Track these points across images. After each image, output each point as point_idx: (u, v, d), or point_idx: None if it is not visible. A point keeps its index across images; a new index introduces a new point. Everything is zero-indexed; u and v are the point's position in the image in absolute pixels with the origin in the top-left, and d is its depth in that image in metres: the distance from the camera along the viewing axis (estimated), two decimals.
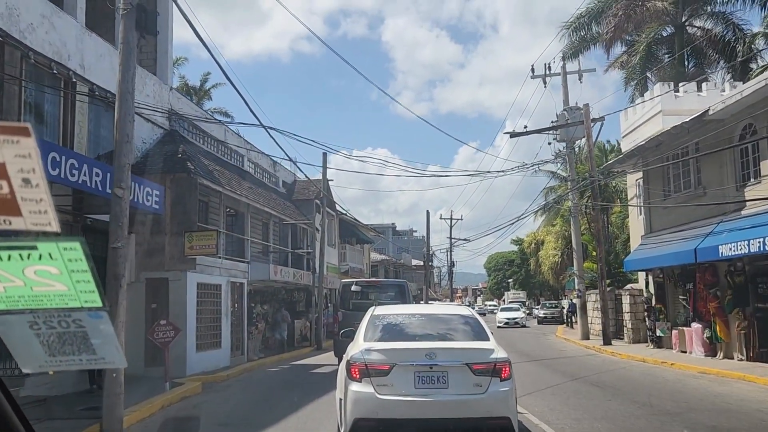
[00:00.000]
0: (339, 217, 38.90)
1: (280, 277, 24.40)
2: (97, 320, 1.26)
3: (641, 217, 23.54)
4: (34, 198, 1.01)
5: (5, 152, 0.97)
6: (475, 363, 6.88)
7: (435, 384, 6.83)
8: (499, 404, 6.82)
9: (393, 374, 6.82)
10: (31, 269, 1.09)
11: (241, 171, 26.91)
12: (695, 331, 18.10)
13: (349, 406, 6.81)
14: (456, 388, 6.80)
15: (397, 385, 6.78)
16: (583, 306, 27.49)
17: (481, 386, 6.80)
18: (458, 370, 6.86)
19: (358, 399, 6.77)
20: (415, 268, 73.63)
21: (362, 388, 6.80)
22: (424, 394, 6.78)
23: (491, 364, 6.90)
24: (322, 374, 16.64)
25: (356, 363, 6.94)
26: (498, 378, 6.86)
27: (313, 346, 25.87)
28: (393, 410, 6.73)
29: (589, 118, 24.40)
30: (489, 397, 6.77)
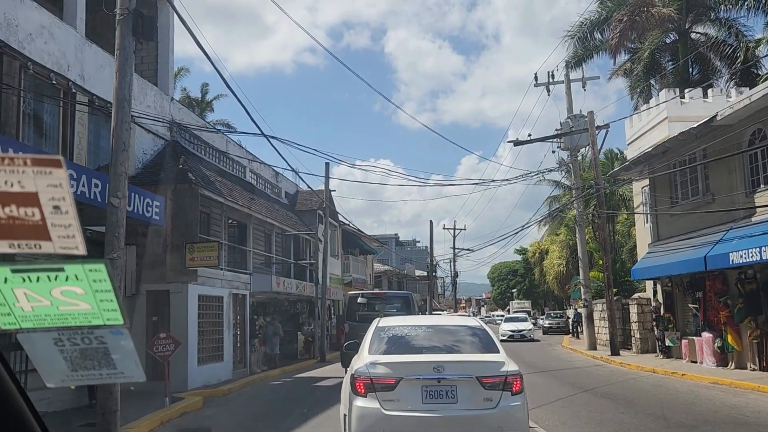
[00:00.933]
0: (342, 228, 38.65)
1: (283, 288, 24.13)
2: (118, 337, 1.32)
3: (648, 225, 23.25)
4: (63, 224, 1.08)
5: (39, 182, 1.05)
6: (485, 376, 6.62)
7: (443, 399, 6.56)
8: (510, 420, 6.57)
9: (399, 389, 6.56)
10: (58, 290, 1.17)
11: (243, 182, 26.72)
12: (706, 341, 17.77)
13: (354, 423, 6.55)
14: (465, 403, 6.54)
15: (403, 400, 6.53)
16: (590, 315, 27.15)
17: (492, 401, 6.54)
18: (467, 384, 6.60)
19: (364, 415, 6.51)
20: (419, 278, 73.27)
21: (367, 403, 6.54)
22: (432, 410, 6.50)
23: (502, 378, 6.63)
24: (326, 387, 16.33)
25: (361, 377, 6.68)
26: (509, 392, 6.59)
27: (317, 359, 25.51)
28: (400, 426, 6.46)
29: (593, 126, 24.18)
30: (500, 412, 6.50)
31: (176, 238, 17.67)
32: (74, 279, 1.16)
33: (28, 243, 1.09)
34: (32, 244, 1.09)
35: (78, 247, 1.10)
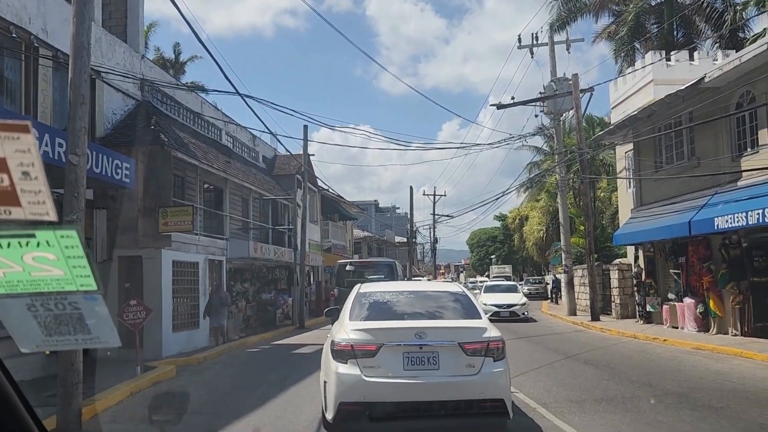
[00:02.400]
0: (321, 194, 38.10)
1: (261, 254, 23.64)
2: (92, 302, 1.32)
3: (631, 190, 23.02)
4: (32, 190, 1.10)
5: (6, 148, 1.07)
6: (467, 342, 6.54)
7: (425, 365, 6.49)
8: (492, 386, 6.51)
9: (380, 355, 6.47)
10: (29, 256, 1.19)
11: (219, 145, 25.98)
12: (687, 307, 17.68)
13: (334, 389, 6.45)
14: (447, 369, 6.47)
15: (384, 367, 6.45)
16: (570, 281, 27.07)
17: (474, 367, 6.48)
18: (449, 350, 6.53)
19: (344, 382, 6.41)
20: (399, 245, 73.13)
21: (348, 370, 6.45)
22: (413, 376, 6.43)
23: (484, 344, 6.57)
24: (304, 355, 15.98)
25: (341, 343, 6.58)
26: (491, 358, 6.56)
27: (296, 325, 25.19)
28: (380, 393, 6.38)
29: (578, 89, 23.73)
30: (482, 379, 6.45)
31: (149, 202, 17.06)
32: (45, 245, 1.17)
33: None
34: (2, 210, 1.11)
35: (49, 213, 1.12)
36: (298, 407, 8.72)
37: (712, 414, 7.85)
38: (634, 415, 7.87)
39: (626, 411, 8.07)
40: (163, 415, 6.06)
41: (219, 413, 8.55)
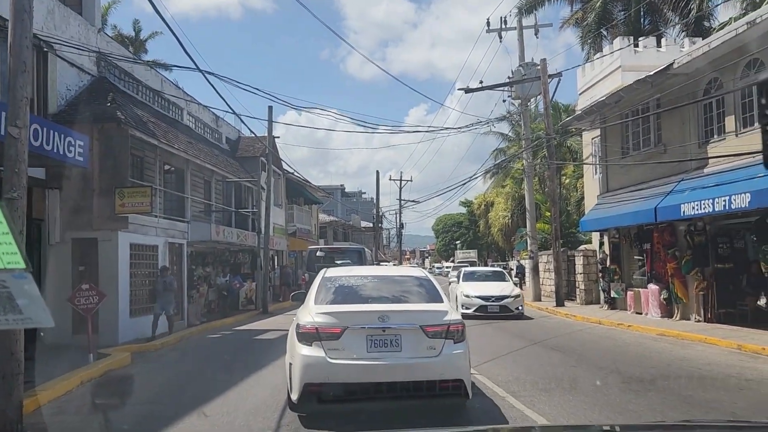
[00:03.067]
0: (286, 177, 37.46)
1: (223, 237, 23.08)
2: (22, 281, 1.32)
3: (597, 176, 23.03)
4: None
5: None
6: (429, 325, 6.78)
7: (388, 347, 6.70)
8: (452, 367, 6.75)
9: (344, 338, 6.66)
10: None
11: (180, 125, 25.24)
12: (652, 293, 17.74)
13: (299, 371, 6.61)
14: (409, 351, 6.69)
15: (348, 349, 6.63)
16: (536, 267, 27.10)
17: (435, 349, 6.71)
18: (411, 333, 6.76)
19: (309, 363, 6.57)
20: (365, 230, 72.83)
21: (312, 352, 6.62)
22: (376, 358, 6.63)
23: (445, 326, 6.80)
24: (267, 341, 15.57)
25: (306, 326, 6.76)
26: (452, 340, 6.79)
27: (259, 310, 24.72)
28: (344, 374, 6.57)
29: (546, 74, 23.59)
30: (442, 360, 6.68)
31: (105, 182, 16.38)
32: None
33: None
34: None
35: None
36: (259, 398, 8.34)
37: (681, 402, 7.72)
38: (603, 402, 7.70)
39: (596, 399, 7.89)
40: (110, 405, 5.64)
41: (174, 404, 8.12)
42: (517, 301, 20.38)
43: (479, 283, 21.07)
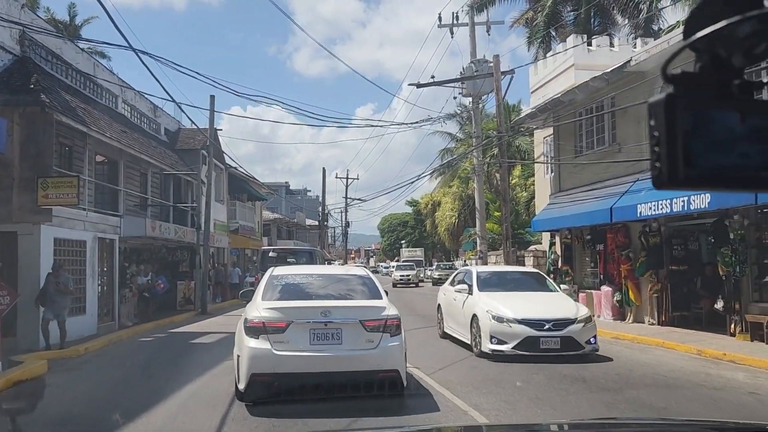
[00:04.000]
0: (228, 171, 36.07)
1: (159, 233, 21.73)
2: None
3: (549, 175, 22.69)
4: None
5: None
6: (368, 320, 7.26)
7: (329, 340, 7.13)
8: (388, 358, 7.23)
9: (289, 331, 7.07)
10: None
11: (114, 113, 23.77)
12: (604, 294, 17.40)
13: (246, 362, 6.98)
14: (349, 344, 7.16)
15: (293, 342, 7.04)
16: None
17: (373, 341, 7.19)
18: (351, 327, 7.22)
19: (255, 355, 6.97)
20: (309, 228, 71.49)
21: (259, 344, 7.01)
22: (318, 350, 7.06)
23: (383, 321, 7.28)
24: (204, 345, 14.42)
25: (254, 320, 7.16)
26: (389, 334, 7.26)
27: (197, 311, 23.43)
28: (289, 365, 6.96)
29: (499, 70, 23.09)
30: (380, 352, 7.16)
31: (26, 171, 14.99)
32: None
33: None
34: None
35: None
36: (192, 415, 7.36)
37: (657, 416, 7.12)
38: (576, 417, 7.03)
39: (570, 414, 7.22)
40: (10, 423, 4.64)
41: (90, 422, 7.05)
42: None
43: (517, 298, 12.21)
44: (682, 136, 1.01)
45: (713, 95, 1.04)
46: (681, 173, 1.01)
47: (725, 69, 1.04)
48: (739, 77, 1.06)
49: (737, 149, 1.03)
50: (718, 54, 1.04)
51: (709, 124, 1.03)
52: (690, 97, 1.02)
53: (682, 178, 1.02)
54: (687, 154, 1.01)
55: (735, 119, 1.03)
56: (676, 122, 1.00)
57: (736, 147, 1.03)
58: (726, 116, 1.03)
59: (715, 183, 1.08)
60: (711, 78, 1.04)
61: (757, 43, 1.03)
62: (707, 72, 1.04)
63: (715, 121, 1.03)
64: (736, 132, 1.03)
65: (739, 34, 1.02)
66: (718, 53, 1.04)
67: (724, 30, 1.00)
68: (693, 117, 1.01)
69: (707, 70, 1.04)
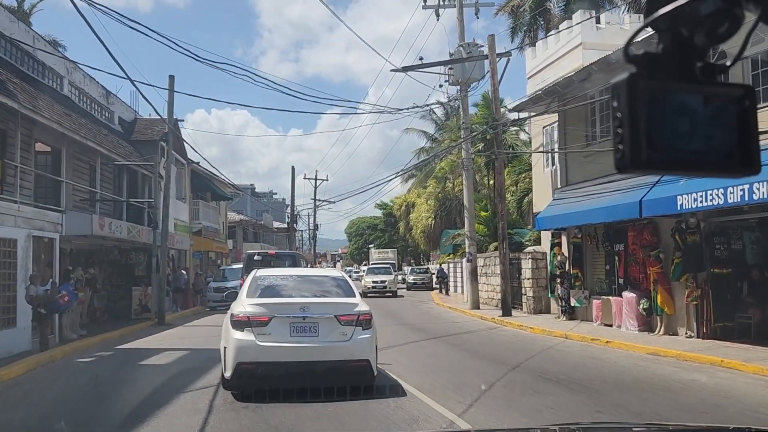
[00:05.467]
0: (191, 168, 33.13)
1: (109, 232, 18.84)
2: None
3: (551, 168, 20.44)
4: None
5: None
6: (342, 315, 8.07)
7: (307, 333, 7.95)
8: (360, 349, 8.00)
9: (271, 325, 7.87)
10: None
11: (59, 95, 20.85)
12: (627, 302, 15.14)
13: (232, 352, 7.74)
14: (325, 336, 7.97)
15: (274, 334, 7.85)
16: (474, 271, 24.32)
17: (346, 334, 8.01)
18: (327, 321, 8.02)
19: (241, 346, 7.75)
20: (277, 230, 68.54)
21: (244, 336, 7.80)
22: (297, 341, 7.87)
23: (355, 316, 8.12)
24: (158, 369, 11.53)
25: (239, 315, 7.97)
26: (361, 327, 8.09)
27: (154, 320, 20.55)
28: (271, 355, 7.72)
29: (494, 51, 20.80)
30: (352, 343, 7.97)
31: None
32: None
33: None
34: None
35: None
36: None
37: None
38: None
39: None
40: None
41: None
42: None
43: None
44: (645, 118, 0.99)
45: (676, 76, 1.03)
46: (644, 156, 1.00)
47: (688, 49, 1.04)
48: (702, 59, 1.05)
49: (701, 132, 1.01)
50: (680, 33, 1.03)
51: (673, 107, 1.00)
52: (652, 78, 1.01)
53: (645, 161, 1.01)
54: (650, 136, 0.99)
55: (698, 101, 1.01)
56: (639, 104, 0.99)
57: (699, 130, 1.01)
58: (689, 98, 1.01)
59: (678, 167, 1.08)
60: (673, 59, 1.03)
61: (720, 23, 1.02)
62: (669, 52, 1.04)
63: (679, 103, 1.00)
64: (699, 115, 1.01)
65: (702, 13, 1.00)
66: (681, 33, 1.03)
67: (686, 8, 0.99)
68: (656, 99, 0.99)
69: (670, 50, 1.04)
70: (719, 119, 1.00)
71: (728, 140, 1.01)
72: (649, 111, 0.98)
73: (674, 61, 1.02)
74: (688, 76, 1.02)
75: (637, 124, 0.98)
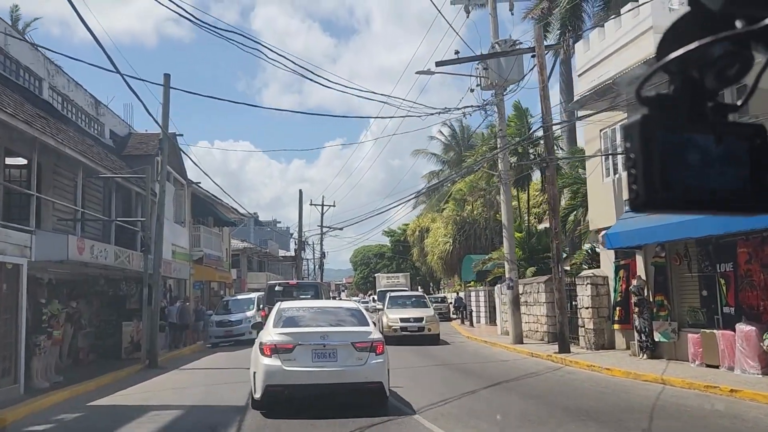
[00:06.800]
0: (191, 189, 30.10)
1: (91, 257, 15.63)
2: None
3: (612, 178, 17.34)
4: None
5: None
6: (357, 342, 9.06)
7: (327, 358, 8.95)
8: (374, 372, 8.98)
9: (295, 351, 8.90)
10: None
11: (37, 100, 17.90)
12: (743, 337, 11.86)
13: (262, 376, 8.75)
14: (342, 361, 8.97)
15: (298, 360, 8.86)
16: (516, 300, 21.09)
17: (362, 359, 8.98)
18: (344, 348, 9.04)
19: (269, 371, 8.75)
20: (282, 259, 65.40)
21: (272, 362, 8.80)
22: (319, 366, 8.88)
23: (369, 343, 9.12)
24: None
25: (267, 344, 8.98)
26: (374, 353, 9.08)
27: (144, 363, 17.26)
28: (296, 378, 8.75)
29: (542, 43, 17.85)
30: (367, 367, 8.94)
31: None
32: None
33: None
34: None
35: None
36: None
37: None
38: None
39: None
40: None
41: None
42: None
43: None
44: (659, 158, 1.00)
45: (688, 117, 1.04)
46: (658, 196, 1.00)
47: (699, 91, 1.05)
48: (713, 99, 1.05)
49: (714, 171, 1.02)
50: (691, 76, 1.04)
51: (685, 146, 1.01)
52: (665, 118, 1.03)
53: (659, 201, 1.02)
54: (664, 176, 1.00)
55: (711, 141, 1.03)
56: (652, 144, 1.00)
57: (713, 169, 1.02)
58: (702, 138, 1.02)
59: (693, 206, 1.06)
60: (685, 100, 1.04)
61: (730, 65, 1.04)
62: (681, 94, 1.05)
63: (691, 143, 1.02)
64: (712, 154, 1.02)
65: (713, 55, 1.02)
66: (692, 75, 1.04)
67: (696, 52, 1.01)
68: (669, 139, 1.01)
69: (681, 92, 1.05)
70: (732, 158, 1.00)
71: (741, 178, 1.01)
72: (662, 151, 0.98)
73: (686, 102, 1.03)
74: (699, 117, 1.03)
75: (651, 164, 0.98)
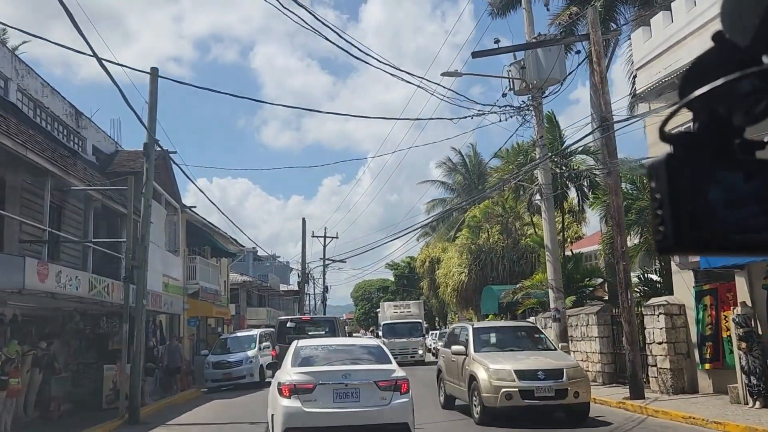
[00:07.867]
0: (186, 215, 27.11)
1: (57, 285, 12.47)
2: None
3: None
4: None
5: None
6: (381, 381, 8.56)
7: (349, 398, 8.42)
8: (399, 413, 8.49)
9: (316, 392, 8.37)
10: None
11: (3, 102, 15.09)
12: None
13: (281, 418, 8.26)
14: (366, 401, 8.46)
15: (319, 400, 8.35)
16: (564, 332, 18.02)
17: (386, 399, 8.49)
18: (367, 387, 8.51)
19: (288, 412, 8.25)
20: (284, 293, 62.15)
21: (291, 403, 8.30)
22: (341, 407, 8.36)
23: (393, 382, 8.60)
24: None
25: (286, 384, 8.47)
26: (399, 392, 8.55)
27: (123, 417, 14.04)
28: (317, 420, 8.24)
29: (598, 28, 15.09)
30: (391, 408, 8.44)
31: None
32: None
33: None
34: None
35: None
36: None
37: None
38: None
39: None
40: None
41: None
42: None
43: None
44: (686, 198, 0.99)
45: (714, 155, 1.02)
46: (687, 237, 0.98)
47: (725, 128, 1.02)
48: (740, 136, 1.03)
49: (743, 211, 1.00)
50: (717, 113, 1.01)
51: (713, 185, 1.00)
52: (690, 157, 1.01)
53: (688, 242, 0.99)
54: (692, 216, 0.99)
55: (739, 179, 1.01)
56: (678, 184, 0.99)
57: (741, 208, 1.00)
58: (729, 176, 1.01)
59: (723, 247, 1.03)
60: (711, 138, 1.02)
61: (758, 102, 1.01)
62: (707, 131, 1.02)
63: (719, 181, 1.00)
64: (740, 192, 1.01)
65: (739, 93, 0.99)
66: (717, 112, 1.01)
67: (722, 88, 0.98)
68: (695, 178, 0.99)
69: (706, 129, 1.02)
70: (761, 195, 0.98)
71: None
72: (688, 191, 0.97)
73: (712, 140, 1.00)
74: (726, 155, 1.00)
75: (678, 204, 0.97)
